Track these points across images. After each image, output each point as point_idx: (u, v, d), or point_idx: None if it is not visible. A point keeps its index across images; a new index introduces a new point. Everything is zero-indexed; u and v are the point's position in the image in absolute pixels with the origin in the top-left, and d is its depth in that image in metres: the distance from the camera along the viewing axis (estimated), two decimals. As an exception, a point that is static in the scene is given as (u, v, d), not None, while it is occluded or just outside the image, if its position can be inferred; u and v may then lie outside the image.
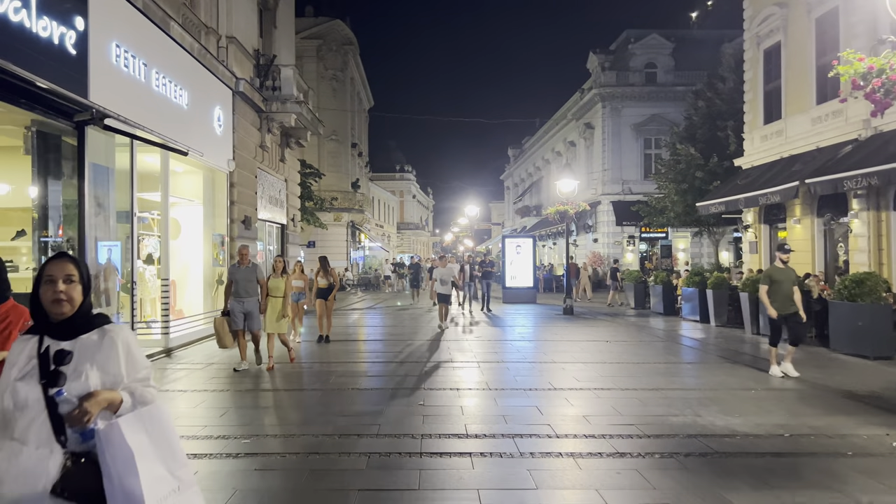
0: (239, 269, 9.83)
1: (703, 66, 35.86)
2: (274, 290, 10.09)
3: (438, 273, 15.46)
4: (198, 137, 12.98)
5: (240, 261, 9.87)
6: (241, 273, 9.78)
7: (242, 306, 9.69)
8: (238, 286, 9.72)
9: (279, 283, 10.14)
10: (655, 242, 39.10)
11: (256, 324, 9.86)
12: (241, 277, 9.75)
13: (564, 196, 20.52)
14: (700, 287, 17.30)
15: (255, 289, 9.83)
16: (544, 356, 11.32)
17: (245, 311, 9.72)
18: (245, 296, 9.71)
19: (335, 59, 40.03)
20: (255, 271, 9.85)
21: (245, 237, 15.99)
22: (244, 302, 9.70)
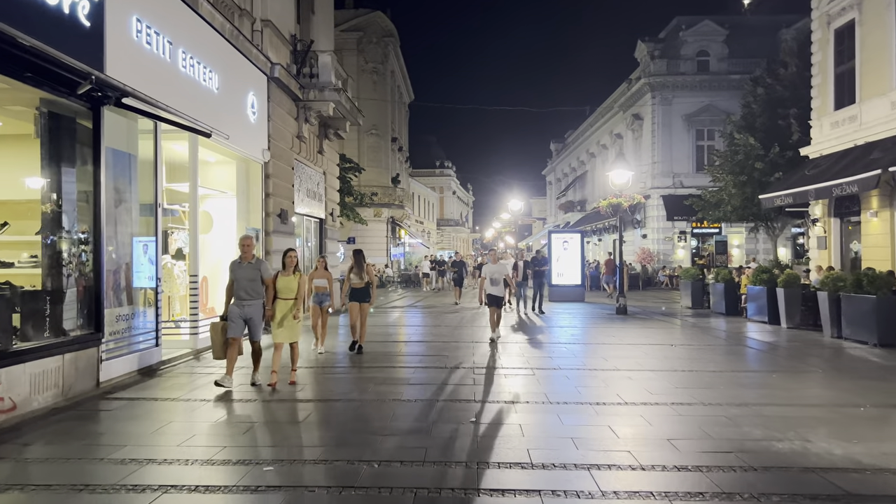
0: (240, 265, 8.34)
1: (759, 54, 34.14)
2: (283, 291, 8.45)
3: (489, 270, 12.80)
4: (229, 124, 12.15)
5: (241, 255, 8.35)
6: (243, 270, 8.28)
7: (242, 310, 8.23)
8: (238, 286, 8.27)
9: (290, 283, 8.48)
10: (707, 238, 37.40)
11: (258, 332, 8.37)
12: (242, 276, 8.25)
13: (617, 188, 19.26)
14: (769, 285, 15.91)
15: (258, 289, 8.31)
16: (605, 362, 10.19)
17: (245, 316, 8.24)
18: (246, 298, 8.24)
19: (376, 51, 39.24)
20: (258, 268, 8.32)
21: (281, 232, 15.18)
22: (245, 305, 8.23)
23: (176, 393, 7.91)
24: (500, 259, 13.22)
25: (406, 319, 17.94)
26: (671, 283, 34.63)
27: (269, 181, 14.50)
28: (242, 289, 8.22)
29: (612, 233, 43.09)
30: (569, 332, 14.34)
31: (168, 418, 6.75)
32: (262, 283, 8.33)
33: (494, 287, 12.70)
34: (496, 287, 12.71)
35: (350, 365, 9.94)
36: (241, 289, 8.22)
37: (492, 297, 12.73)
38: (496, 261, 13.25)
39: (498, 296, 12.80)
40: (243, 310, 8.21)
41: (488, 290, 12.74)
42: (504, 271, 13.03)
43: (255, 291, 8.27)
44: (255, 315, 8.28)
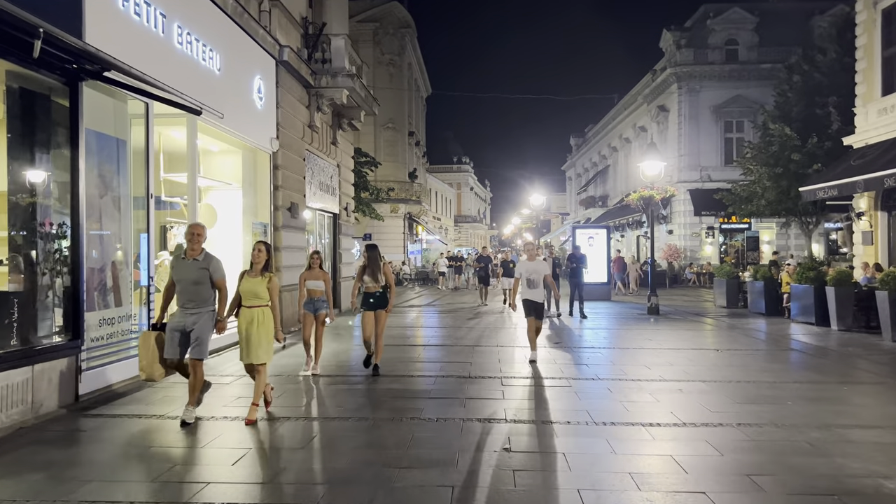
0: (182, 262, 6.28)
1: (791, 42, 32.65)
2: (249, 298, 6.44)
3: (525, 269, 9.96)
4: (232, 108, 11.19)
5: (187, 248, 6.31)
6: (186, 269, 6.23)
7: (184, 321, 6.23)
8: (180, 290, 6.28)
9: (256, 286, 6.44)
10: (735, 234, 36.03)
11: (203, 351, 6.31)
12: (186, 276, 6.23)
13: (649, 179, 18.10)
14: (816, 284, 14.70)
15: (206, 294, 6.30)
16: (648, 371, 9.09)
17: (187, 328, 6.22)
18: (190, 305, 6.22)
19: (392, 43, 38.24)
20: (207, 266, 6.25)
21: (291, 227, 14.22)
22: (188, 314, 6.22)
23: (166, 408, 6.93)
24: (537, 256, 10.29)
25: (424, 320, 16.93)
26: (699, 281, 33.38)
27: (277, 172, 13.53)
28: (185, 293, 6.25)
29: (635, 228, 41.82)
30: (601, 335, 13.24)
31: (149, 441, 5.77)
32: (213, 285, 6.33)
33: (532, 290, 9.90)
34: (534, 290, 9.90)
35: (361, 374, 8.92)
36: (183, 293, 6.26)
37: (529, 303, 9.96)
38: (533, 257, 10.11)
39: (537, 301, 9.96)
40: (185, 320, 6.23)
41: (525, 294, 9.99)
42: (544, 270, 9.98)
43: (201, 297, 6.26)
44: (199, 327, 6.23)
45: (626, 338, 12.87)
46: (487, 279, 21.87)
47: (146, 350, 6.28)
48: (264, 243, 6.73)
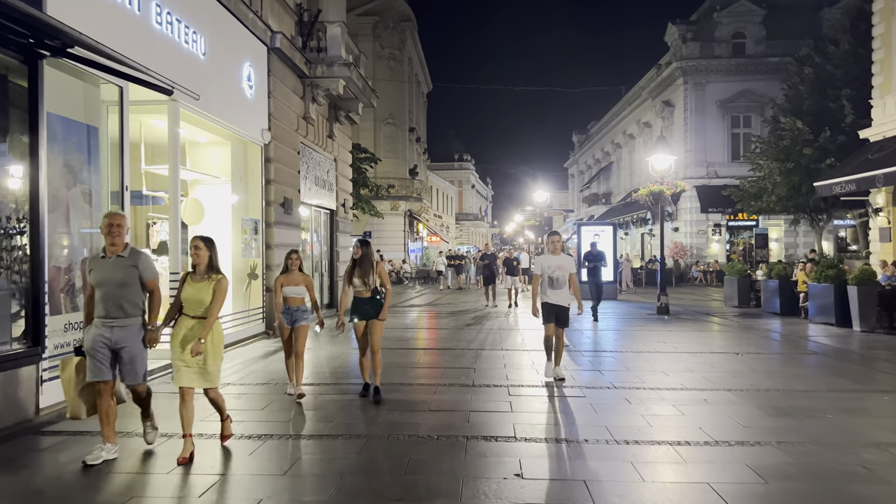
0: (103, 260, 5.10)
1: (799, 35, 31.91)
2: (192, 306, 5.17)
3: (547, 265, 8.15)
4: (219, 96, 10.48)
5: (106, 245, 5.11)
6: (107, 269, 5.05)
7: (109, 336, 5.03)
8: (102, 295, 5.03)
9: (201, 292, 5.16)
10: (741, 231, 35.32)
11: (136, 372, 5.18)
12: (107, 277, 5.02)
13: (658, 174, 17.37)
14: (836, 283, 13.98)
15: (134, 299, 5.12)
16: (667, 378, 8.37)
17: (114, 344, 5.04)
18: (115, 314, 5.03)
19: (392, 37, 37.51)
20: (135, 264, 5.11)
21: (285, 223, 13.51)
22: (113, 327, 5.03)
23: (136, 423, 6.21)
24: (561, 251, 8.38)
25: (425, 322, 16.23)
26: (705, 279, 32.67)
27: (269, 166, 12.82)
28: (109, 299, 5.02)
29: (640, 226, 41.10)
30: (611, 337, 12.52)
31: (108, 468, 5.06)
32: (144, 288, 5.19)
33: (555, 291, 8.10)
34: (558, 292, 8.09)
35: (355, 383, 8.21)
36: (106, 299, 5.03)
37: (550, 307, 8.11)
38: (557, 251, 8.25)
39: (560, 305, 8.12)
40: (111, 334, 5.03)
41: (547, 297, 8.13)
42: (570, 268, 8.19)
43: (129, 303, 5.08)
44: (129, 343, 5.09)
45: (639, 340, 12.14)
46: (493, 278, 20.57)
47: (68, 381, 5.13)
48: (202, 238, 5.41)
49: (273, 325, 12.42)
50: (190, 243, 5.43)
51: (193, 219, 10.93)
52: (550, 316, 8.18)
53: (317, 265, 16.81)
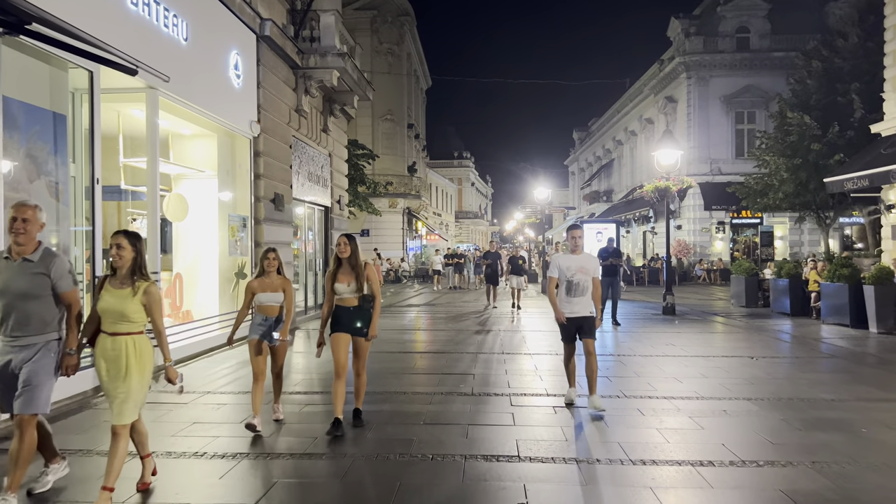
0: (5, 265, 4.11)
1: (804, 29, 31.36)
2: (111, 320, 4.11)
3: (566, 266, 6.66)
4: (203, 85, 9.89)
5: (11, 244, 4.11)
6: (7, 276, 4.09)
7: (13, 357, 4.09)
8: (4, 308, 4.10)
9: (121, 303, 4.08)
10: (744, 229, 34.73)
11: (32, 400, 4.04)
12: (7, 286, 4.07)
13: (664, 170, 16.78)
14: (851, 282, 13.39)
15: (42, 314, 4.13)
16: (680, 386, 7.78)
17: (16, 366, 4.07)
18: (18, 332, 4.08)
19: (390, 31, 36.89)
20: (46, 270, 4.11)
21: (275, 220, 12.92)
22: (13, 347, 4.08)
23: (96, 439, 5.62)
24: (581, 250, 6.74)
25: (422, 323, 15.65)
26: (709, 278, 32.10)
27: (259, 160, 12.23)
28: (11, 313, 4.06)
29: (641, 223, 40.50)
30: (617, 339, 11.93)
31: (51, 497, 4.47)
32: (57, 300, 4.17)
33: (577, 300, 6.61)
34: (579, 300, 6.62)
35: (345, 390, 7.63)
36: (7, 313, 4.07)
37: (572, 321, 6.62)
38: (579, 249, 6.71)
39: (585, 316, 6.65)
40: (12, 356, 4.07)
41: (568, 305, 6.63)
42: (594, 270, 6.73)
43: (36, 319, 4.08)
44: (34, 369, 4.05)
45: (646, 343, 11.55)
46: (496, 278, 19.30)
47: None
48: (126, 235, 4.18)
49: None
50: (111, 240, 4.22)
51: (177, 215, 10.37)
52: (571, 332, 6.70)
53: (310, 264, 16.23)
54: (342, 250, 5.83)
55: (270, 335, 5.95)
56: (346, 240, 5.87)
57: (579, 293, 6.60)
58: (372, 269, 5.96)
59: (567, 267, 6.63)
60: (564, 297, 6.66)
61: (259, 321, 5.96)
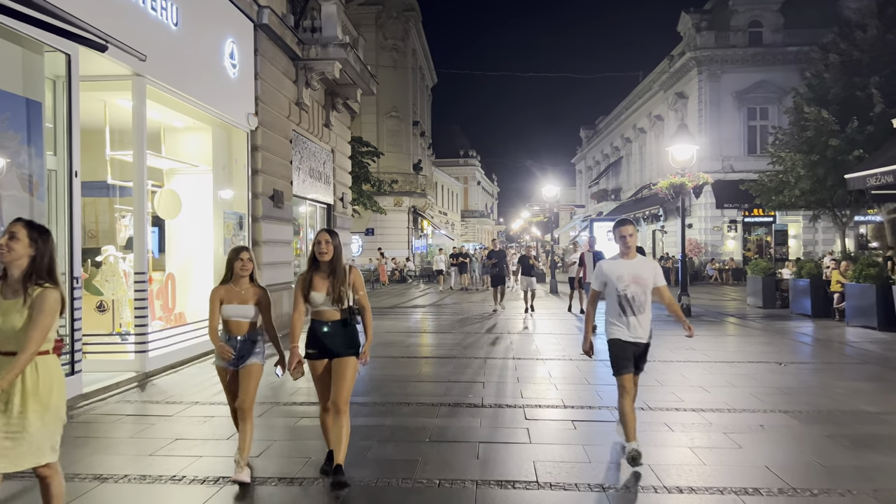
0: None
1: (818, 23, 30.60)
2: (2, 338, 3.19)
3: (615, 276, 5.06)
4: (195, 73, 9.33)
5: None
6: None
7: None
8: None
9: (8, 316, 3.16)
10: (756, 228, 34.04)
11: None
12: None
13: (679, 165, 16.15)
14: (878, 282, 12.75)
15: None
16: (709, 396, 7.17)
17: None
18: None
19: (395, 27, 36.30)
20: None
21: (274, 218, 12.36)
22: None
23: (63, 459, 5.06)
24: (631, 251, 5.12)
25: (428, 325, 15.07)
26: (721, 278, 31.43)
27: (257, 154, 11.66)
28: None
29: (651, 222, 39.80)
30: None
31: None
32: None
33: (636, 319, 5.01)
34: (640, 318, 5.03)
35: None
36: None
37: (628, 346, 5.05)
38: (630, 251, 5.14)
39: (640, 342, 5.10)
40: None
41: (624, 329, 5.02)
42: (652, 278, 5.11)
43: None
44: None
45: (664, 347, 10.92)
46: (502, 279, 17.94)
47: None
48: (23, 221, 3.29)
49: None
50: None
51: (169, 212, 9.81)
52: (627, 360, 4.98)
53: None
54: (323, 250, 4.39)
55: (239, 356, 4.63)
56: (329, 236, 4.44)
57: (638, 310, 4.91)
58: (358, 274, 4.57)
59: (618, 276, 4.93)
60: (616, 318, 4.95)
61: (225, 339, 4.66)
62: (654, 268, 5.14)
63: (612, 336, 5.03)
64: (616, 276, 4.98)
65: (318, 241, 4.46)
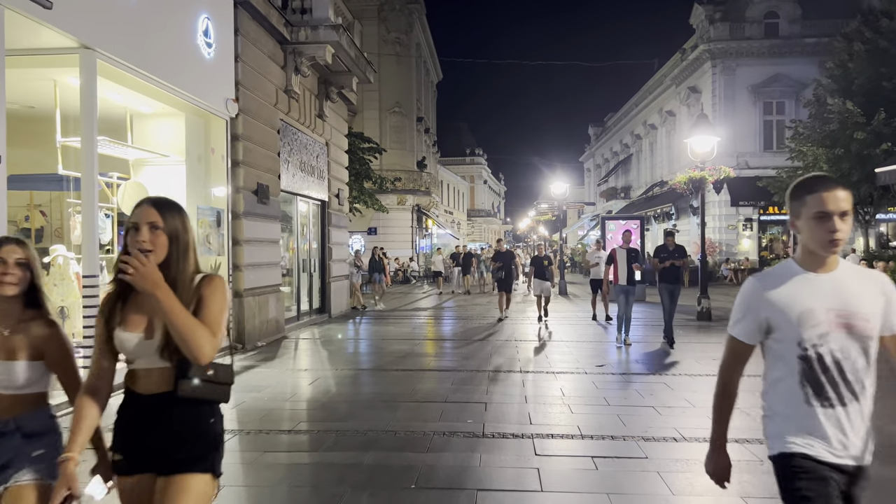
0: None
1: (838, 13, 29.40)
2: None
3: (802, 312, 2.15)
4: (160, 51, 8.27)
5: None
6: None
7: None
8: None
9: None
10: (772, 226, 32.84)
11: None
12: None
13: (699, 158, 15.03)
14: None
15: None
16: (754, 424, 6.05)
17: None
18: None
19: (399, 20, 35.19)
20: None
21: (259, 215, 11.30)
22: None
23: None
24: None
25: (428, 331, 14.00)
26: (736, 278, 30.22)
27: (238, 144, 10.60)
28: None
29: (662, 221, 38.62)
30: (655, 354, 10.16)
31: None
32: None
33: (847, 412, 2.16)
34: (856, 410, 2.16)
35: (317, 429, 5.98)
36: None
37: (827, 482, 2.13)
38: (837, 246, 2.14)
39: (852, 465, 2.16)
40: None
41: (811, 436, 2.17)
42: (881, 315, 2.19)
43: None
44: None
45: (689, 357, 9.81)
46: (509, 283, 15.37)
47: None
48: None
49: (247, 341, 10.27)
50: None
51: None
52: None
53: (304, 264, 14.58)
54: (143, 241, 2.10)
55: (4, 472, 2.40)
56: (158, 214, 2.15)
57: (851, 390, 2.17)
58: (218, 293, 2.20)
59: (804, 311, 2.19)
60: (796, 408, 2.23)
61: None
62: (883, 290, 2.24)
63: (789, 448, 2.22)
64: (800, 310, 2.20)
65: (133, 223, 2.14)
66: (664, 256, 10.94)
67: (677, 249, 11.08)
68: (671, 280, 10.96)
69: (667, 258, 10.89)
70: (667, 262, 10.86)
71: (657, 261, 11.03)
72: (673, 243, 11.18)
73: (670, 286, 10.94)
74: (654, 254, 11.37)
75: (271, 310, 11.66)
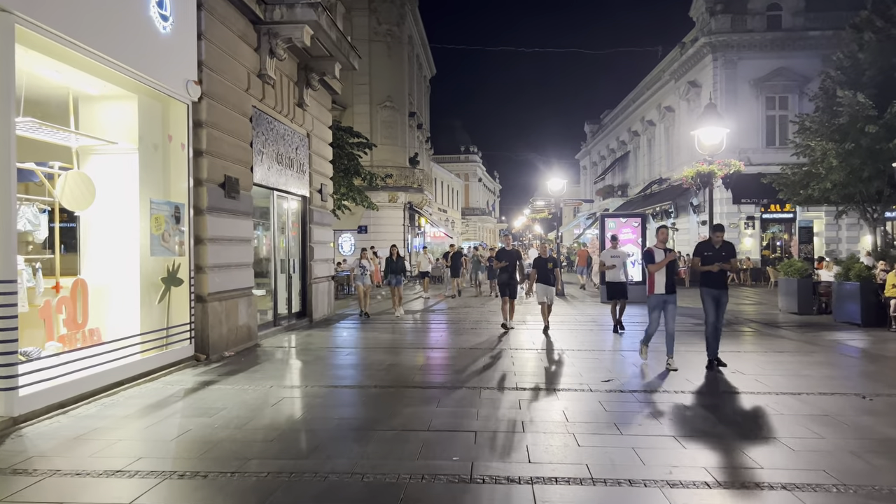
0: None
1: (842, 5, 28.46)
2: None
3: None
4: (101, 21, 7.18)
5: None
6: None
7: None
8: None
9: None
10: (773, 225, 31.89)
11: None
12: None
13: (707, 151, 14.00)
14: (954, 288, 10.59)
15: None
16: (791, 455, 5.01)
17: None
18: None
19: (390, 11, 34.07)
20: None
21: (226, 211, 10.21)
22: None
23: None
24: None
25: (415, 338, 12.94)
26: (738, 278, 29.25)
27: (201, 132, 9.50)
28: None
29: (661, 219, 37.62)
30: (661, 361, 9.11)
31: None
32: None
33: None
34: None
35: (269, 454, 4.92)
36: None
37: None
38: None
39: None
40: None
41: None
42: None
43: None
44: None
45: (701, 368, 8.77)
46: (514, 287, 13.18)
47: None
48: None
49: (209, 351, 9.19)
50: None
51: (78, 201, 7.70)
52: None
53: (283, 265, 13.49)
54: None
55: None
56: None
57: None
58: None
59: None
60: None
61: None
62: None
63: None
64: None
65: None
66: (709, 256, 8.82)
67: (724, 247, 8.90)
68: (718, 285, 8.86)
69: (712, 258, 8.78)
70: (714, 266, 8.72)
71: (698, 260, 8.92)
72: (720, 240, 8.94)
73: (715, 292, 8.84)
74: (694, 252, 9.39)
75: (241, 316, 10.58)
